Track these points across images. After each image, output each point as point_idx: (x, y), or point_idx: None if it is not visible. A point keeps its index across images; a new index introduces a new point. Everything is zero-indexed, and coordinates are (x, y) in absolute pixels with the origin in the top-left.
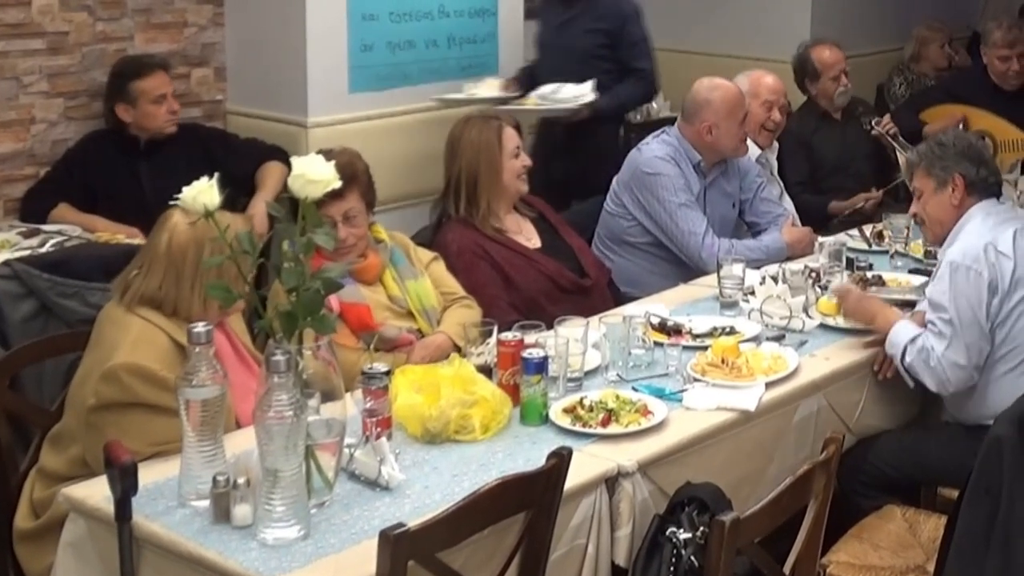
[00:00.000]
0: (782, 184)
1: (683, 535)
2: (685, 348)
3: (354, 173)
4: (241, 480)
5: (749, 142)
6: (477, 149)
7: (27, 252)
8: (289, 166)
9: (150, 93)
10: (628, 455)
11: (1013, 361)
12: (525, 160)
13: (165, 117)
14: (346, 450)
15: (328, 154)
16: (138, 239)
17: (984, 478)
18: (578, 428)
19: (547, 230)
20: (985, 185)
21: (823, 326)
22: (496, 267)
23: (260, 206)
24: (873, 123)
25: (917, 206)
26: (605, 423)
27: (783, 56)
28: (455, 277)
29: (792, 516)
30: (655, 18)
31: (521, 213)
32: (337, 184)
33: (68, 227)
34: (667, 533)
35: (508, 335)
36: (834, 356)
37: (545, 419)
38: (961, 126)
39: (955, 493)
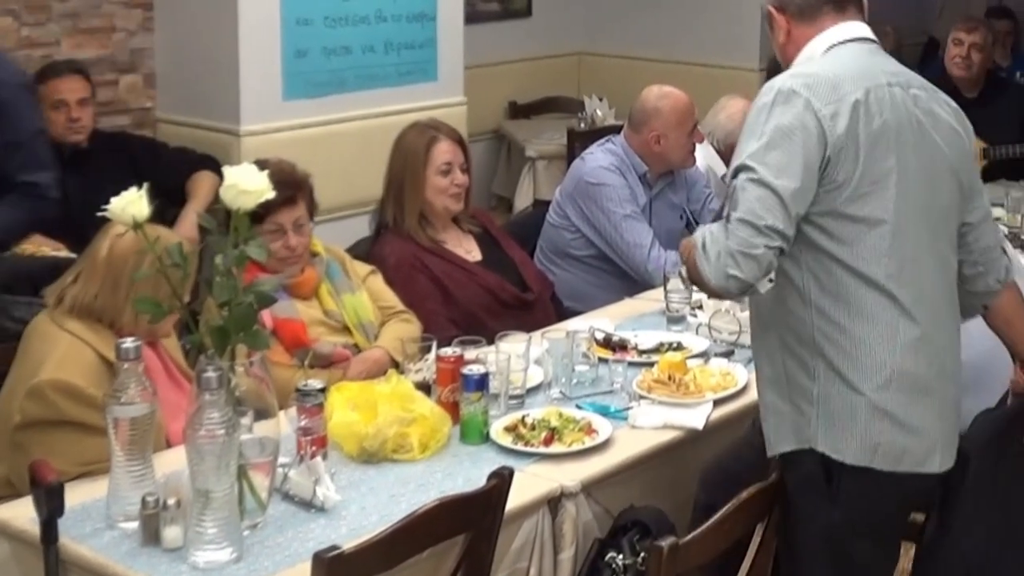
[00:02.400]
0: None
1: (623, 561)
2: (630, 364)
3: (301, 180)
4: (171, 501)
5: (710, 149)
6: (405, 157)
7: None
8: (221, 176)
9: (49, 97)
10: (571, 475)
11: None
12: (458, 179)
13: (64, 125)
14: (280, 470)
15: (263, 164)
16: (63, 252)
17: (955, 500)
18: (520, 447)
19: (488, 243)
20: None
21: None
22: (435, 280)
23: (190, 216)
24: None
25: None
26: (548, 442)
27: (733, 62)
28: (393, 290)
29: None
30: (604, 24)
31: (462, 228)
32: (271, 195)
33: None
34: (607, 558)
35: (447, 351)
36: None
37: (486, 438)
38: None
39: (917, 516)
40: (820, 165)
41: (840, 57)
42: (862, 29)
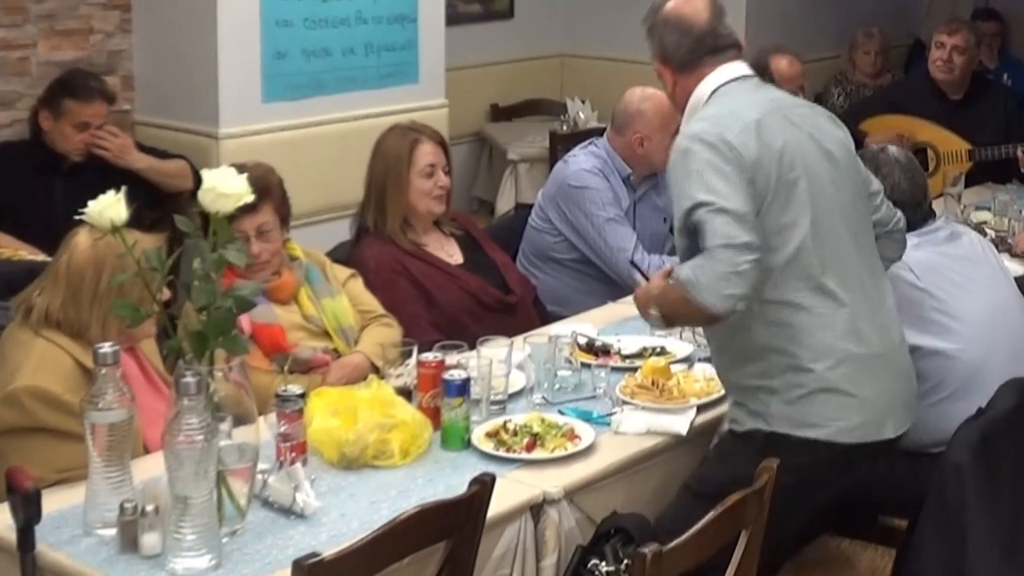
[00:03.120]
0: None
1: (606, 568)
2: (614, 369)
3: (267, 186)
4: (149, 507)
5: None
6: (387, 160)
7: None
8: (195, 175)
9: (77, 117)
10: (554, 481)
11: (941, 393)
12: (441, 181)
13: (78, 145)
14: (259, 476)
15: (240, 169)
16: (40, 256)
17: (942, 505)
18: (502, 453)
19: (470, 246)
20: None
21: None
22: (416, 284)
23: (147, 159)
24: None
25: None
26: (530, 448)
27: None
28: (373, 294)
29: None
30: (586, 25)
31: (443, 231)
32: (250, 198)
33: None
34: (589, 566)
35: (429, 356)
36: None
37: (467, 444)
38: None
39: (895, 521)
40: (748, 184)
41: (727, 97)
42: (741, 68)
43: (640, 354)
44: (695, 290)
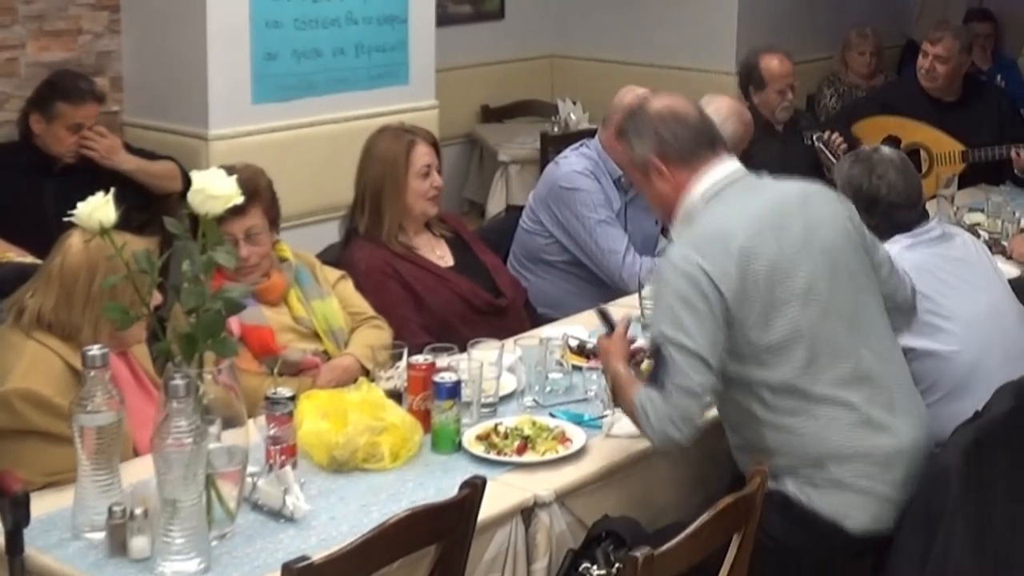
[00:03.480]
0: None
1: (597, 572)
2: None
3: (256, 188)
4: (138, 511)
5: None
6: (383, 163)
7: None
8: (184, 177)
9: (69, 119)
10: (545, 485)
11: (936, 394)
12: (436, 181)
13: (70, 147)
14: (249, 479)
15: (229, 170)
16: (29, 258)
17: (926, 508)
18: (492, 456)
19: (461, 248)
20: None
21: None
22: (406, 286)
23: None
24: (815, 138)
25: None
26: (521, 451)
27: (708, 66)
28: (363, 296)
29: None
30: (577, 26)
31: (434, 232)
32: (240, 200)
33: None
34: (581, 569)
35: (419, 358)
36: None
37: (458, 447)
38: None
39: None
40: (725, 316)
41: (720, 206)
42: (734, 165)
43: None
44: (642, 420)
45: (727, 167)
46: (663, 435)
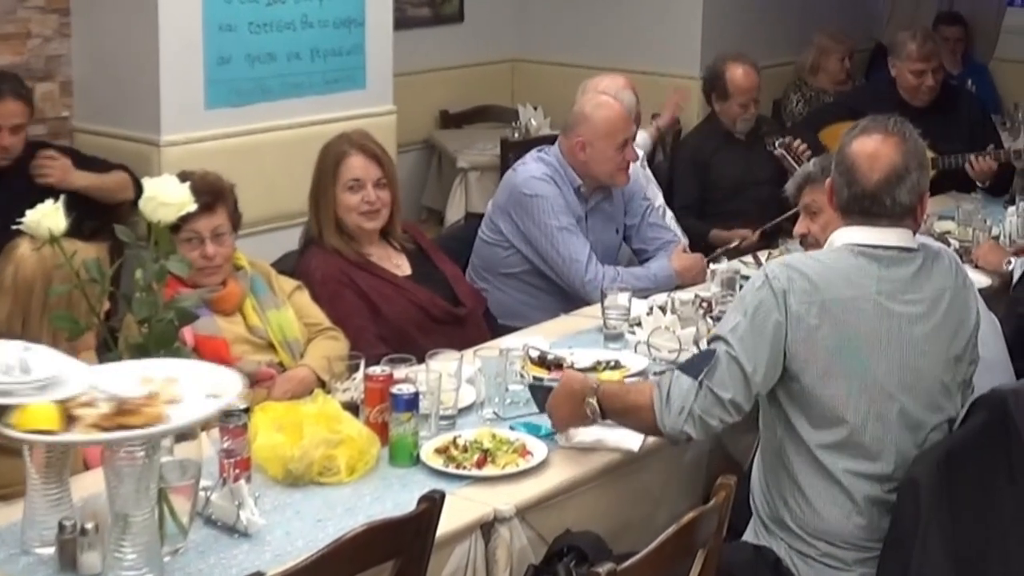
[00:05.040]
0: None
1: None
2: None
3: (222, 189)
4: (89, 525)
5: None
6: (318, 171)
7: None
8: (136, 184)
9: None
10: (505, 499)
11: None
12: (369, 196)
13: None
14: (202, 493)
15: (186, 177)
16: None
17: (897, 525)
18: (451, 470)
19: (419, 257)
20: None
21: None
22: (362, 296)
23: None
24: (778, 143)
25: (809, 224)
26: (480, 464)
27: (672, 70)
28: (319, 306)
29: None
30: (539, 30)
31: (391, 243)
32: (193, 207)
33: None
34: None
35: (376, 369)
36: None
37: (416, 460)
38: None
39: None
40: (782, 352)
41: (842, 258)
42: (886, 237)
43: (594, 368)
44: (660, 401)
45: (876, 235)
46: (676, 428)
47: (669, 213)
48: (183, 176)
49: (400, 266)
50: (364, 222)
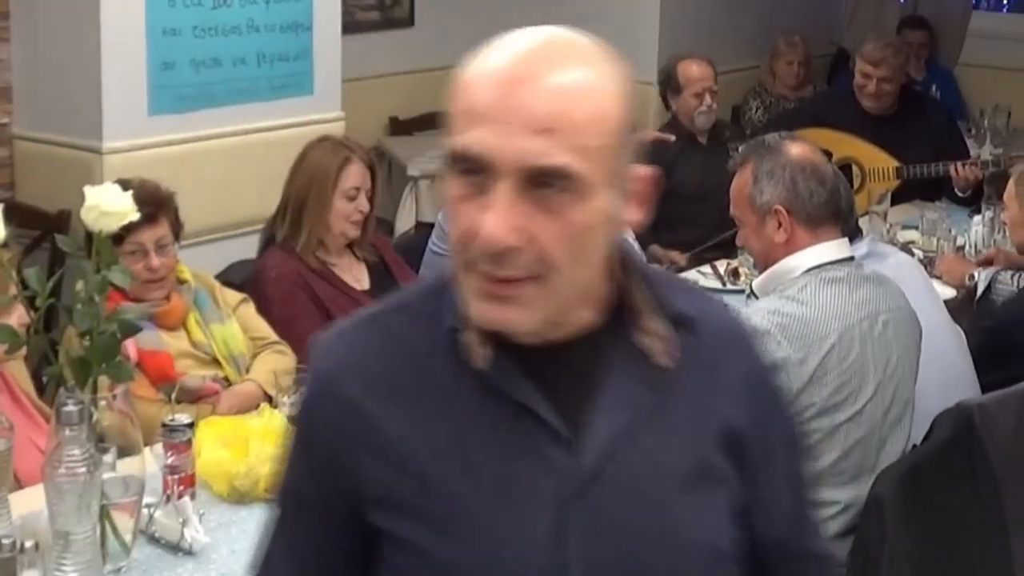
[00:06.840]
0: None
1: None
2: None
3: (164, 198)
4: (29, 544)
5: None
6: (312, 175)
7: None
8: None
9: None
10: None
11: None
12: (362, 205)
13: None
14: (145, 510)
15: (125, 184)
16: None
17: (863, 543)
18: None
19: (380, 273)
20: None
21: None
22: (316, 302)
23: None
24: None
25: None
26: None
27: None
28: (270, 306)
29: None
30: (490, 33)
31: (356, 255)
32: (135, 216)
33: None
34: None
35: None
36: None
37: None
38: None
39: None
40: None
41: (816, 291)
42: (846, 247)
43: None
44: None
45: (837, 248)
46: None
47: None
48: (121, 184)
49: (360, 280)
50: (350, 230)
